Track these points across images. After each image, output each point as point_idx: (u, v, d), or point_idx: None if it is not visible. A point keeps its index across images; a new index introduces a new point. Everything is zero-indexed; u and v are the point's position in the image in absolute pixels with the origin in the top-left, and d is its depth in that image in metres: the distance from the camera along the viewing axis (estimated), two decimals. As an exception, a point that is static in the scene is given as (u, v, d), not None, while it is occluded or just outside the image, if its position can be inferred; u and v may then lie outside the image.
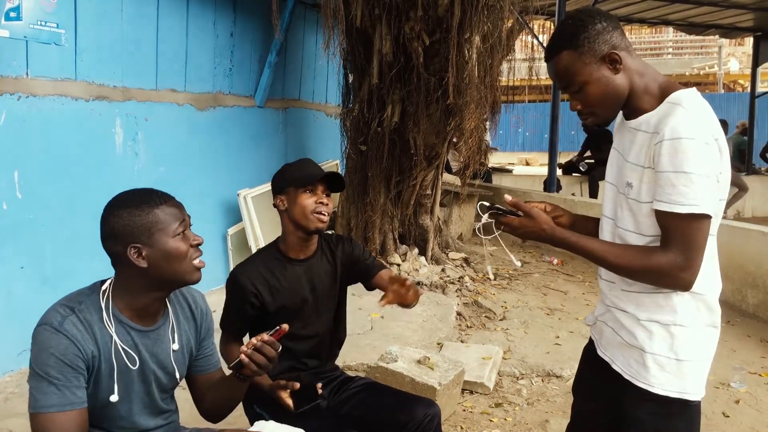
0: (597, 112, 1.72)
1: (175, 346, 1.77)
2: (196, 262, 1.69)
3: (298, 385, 2.00)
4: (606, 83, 1.66)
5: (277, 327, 1.72)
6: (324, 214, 2.25)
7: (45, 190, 3.85)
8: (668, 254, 1.59)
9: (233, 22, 5.67)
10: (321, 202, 2.24)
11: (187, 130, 5.15)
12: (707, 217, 1.58)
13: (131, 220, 1.61)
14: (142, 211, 1.62)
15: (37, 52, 3.75)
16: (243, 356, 1.66)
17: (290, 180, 2.26)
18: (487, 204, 1.78)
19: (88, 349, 1.57)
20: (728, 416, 3.56)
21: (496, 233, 1.80)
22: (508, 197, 1.76)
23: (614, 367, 1.79)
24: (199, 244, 1.70)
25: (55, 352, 1.53)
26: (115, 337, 1.63)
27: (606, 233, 1.81)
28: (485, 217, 1.77)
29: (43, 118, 3.83)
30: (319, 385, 2.10)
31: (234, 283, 2.27)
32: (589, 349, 2.00)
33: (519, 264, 2.04)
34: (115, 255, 1.65)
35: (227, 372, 1.83)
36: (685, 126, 1.55)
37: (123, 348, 1.64)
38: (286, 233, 2.33)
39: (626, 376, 1.74)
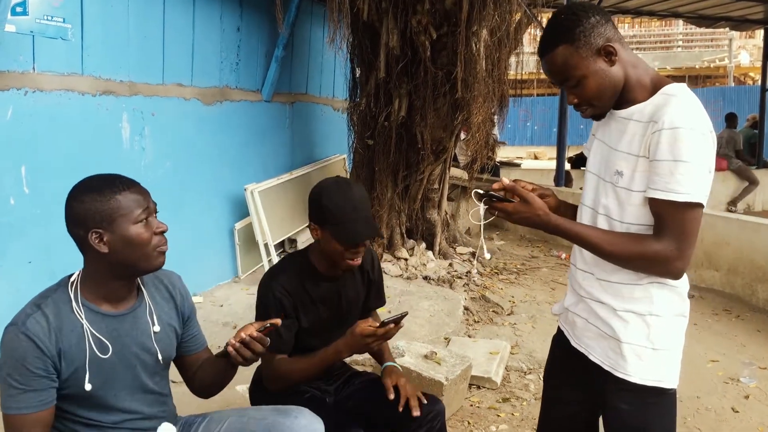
0: (595, 104, 1.74)
1: (156, 328, 1.77)
2: (157, 251, 1.68)
3: (378, 324, 2.05)
4: (603, 76, 1.68)
5: (269, 324, 1.73)
6: (357, 261, 2.19)
7: (52, 185, 3.85)
8: (662, 242, 1.62)
9: (240, 16, 5.66)
10: (356, 252, 2.16)
11: (193, 125, 5.15)
12: (701, 206, 1.61)
13: (93, 205, 1.61)
14: (104, 197, 1.62)
15: (44, 47, 3.74)
16: (230, 348, 1.69)
17: (328, 225, 2.13)
18: (481, 191, 1.77)
19: (51, 347, 1.58)
20: (737, 411, 3.53)
21: (483, 221, 1.78)
22: (505, 180, 1.76)
23: (592, 358, 1.81)
24: (163, 232, 1.69)
25: (15, 355, 1.55)
26: (86, 325, 1.64)
27: (585, 222, 1.82)
28: (482, 206, 1.76)
29: (50, 113, 3.83)
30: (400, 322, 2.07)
31: (274, 299, 2.17)
32: (560, 338, 2.02)
33: (488, 256, 2.02)
34: (78, 240, 1.66)
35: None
36: (684, 116, 1.58)
37: (95, 336, 1.65)
38: (317, 253, 2.25)
39: (606, 367, 1.77)
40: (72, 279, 1.69)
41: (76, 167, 4.00)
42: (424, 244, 6.19)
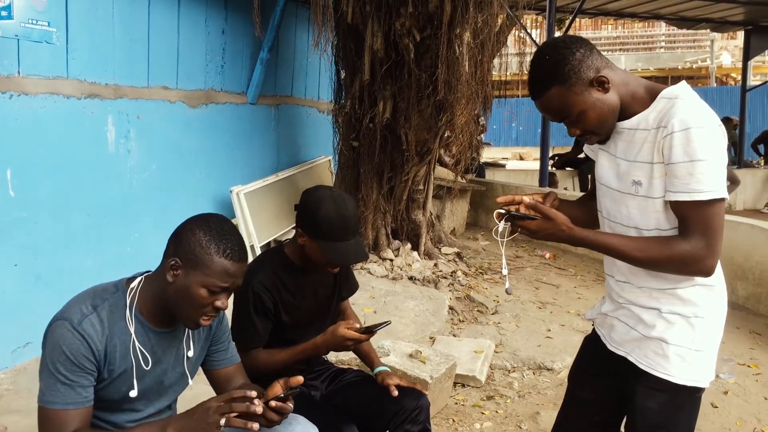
0: (598, 132, 1.75)
1: (190, 353, 1.82)
2: (202, 319, 1.69)
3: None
4: (601, 105, 1.69)
5: (295, 389, 1.69)
6: (336, 269, 2.28)
7: (38, 188, 3.86)
8: (690, 242, 1.62)
9: (224, 19, 5.68)
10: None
11: (179, 128, 5.16)
12: (723, 200, 1.62)
13: (196, 243, 1.64)
14: (209, 248, 1.63)
15: (29, 50, 3.75)
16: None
17: (319, 240, 2.16)
18: (503, 211, 1.76)
19: (100, 349, 1.61)
20: (716, 407, 3.61)
21: (502, 240, 1.78)
22: (526, 199, 1.76)
23: (631, 359, 1.81)
24: (218, 309, 1.69)
25: (66, 350, 1.57)
26: (134, 336, 1.68)
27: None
28: (502, 224, 1.76)
29: (36, 117, 3.84)
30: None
31: (253, 294, 2.20)
32: (593, 340, 2.02)
33: (506, 272, 2.00)
34: (165, 252, 1.69)
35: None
36: (692, 116, 1.58)
37: (140, 348, 1.69)
38: (296, 249, 2.28)
39: (643, 367, 1.77)
40: (132, 285, 1.71)
41: (61, 170, 4.01)
42: (409, 245, 6.23)
